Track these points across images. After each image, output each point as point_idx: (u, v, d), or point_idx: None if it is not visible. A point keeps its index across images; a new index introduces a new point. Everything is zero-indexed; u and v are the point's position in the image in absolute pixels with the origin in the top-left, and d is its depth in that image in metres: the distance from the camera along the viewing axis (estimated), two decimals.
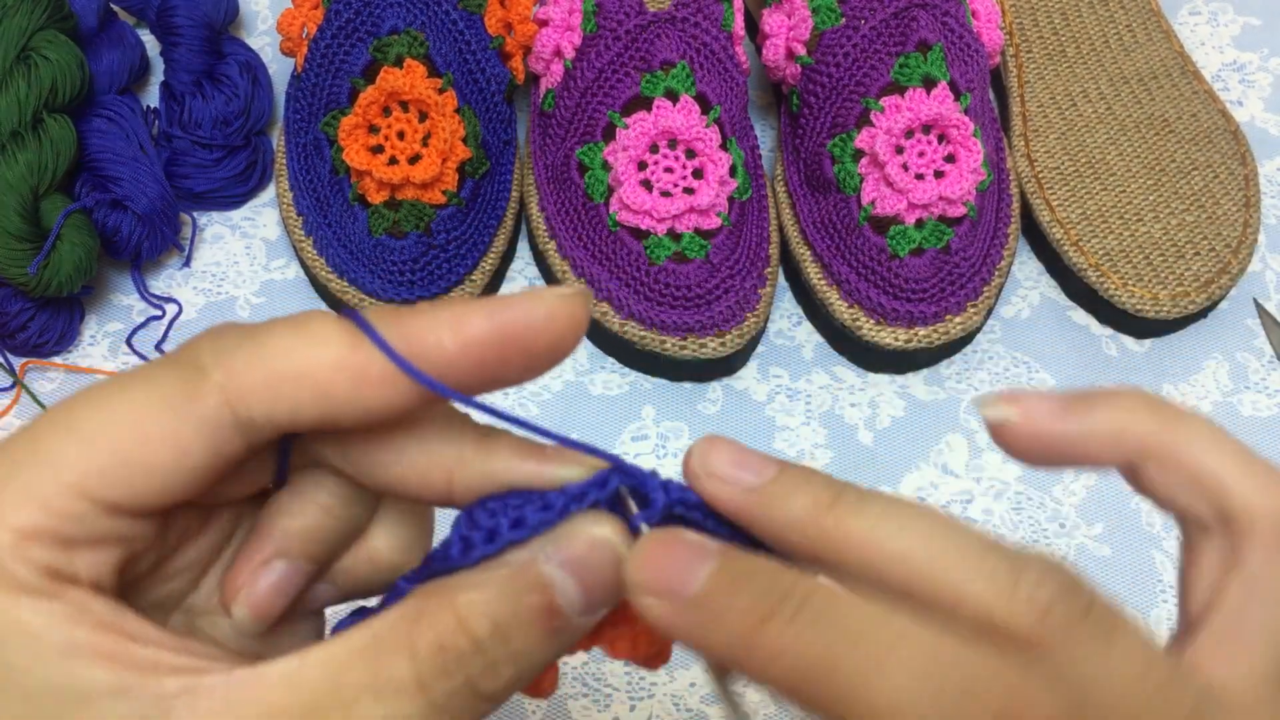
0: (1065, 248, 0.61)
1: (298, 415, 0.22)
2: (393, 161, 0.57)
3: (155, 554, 0.25)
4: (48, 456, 0.21)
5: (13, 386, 0.59)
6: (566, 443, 0.25)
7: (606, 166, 0.59)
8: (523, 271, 0.64)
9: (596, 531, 0.23)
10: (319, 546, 0.26)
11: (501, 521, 0.23)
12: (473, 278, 0.60)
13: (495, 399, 0.59)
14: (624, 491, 0.24)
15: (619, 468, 0.24)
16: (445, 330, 0.22)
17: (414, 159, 0.57)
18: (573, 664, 0.52)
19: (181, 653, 0.22)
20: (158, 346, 0.61)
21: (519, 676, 0.23)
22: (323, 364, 0.22)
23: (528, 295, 0.23)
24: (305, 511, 0.25)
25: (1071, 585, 0.22)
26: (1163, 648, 0.24)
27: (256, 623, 0.25)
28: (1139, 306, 0.59)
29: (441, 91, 0.57)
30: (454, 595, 0.22)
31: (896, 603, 0.22)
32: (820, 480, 0.24)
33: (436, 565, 0.24)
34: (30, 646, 0.21)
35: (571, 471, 0.24)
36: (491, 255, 0.61)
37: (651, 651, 0.26)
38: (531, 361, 0.23)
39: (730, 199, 0.59)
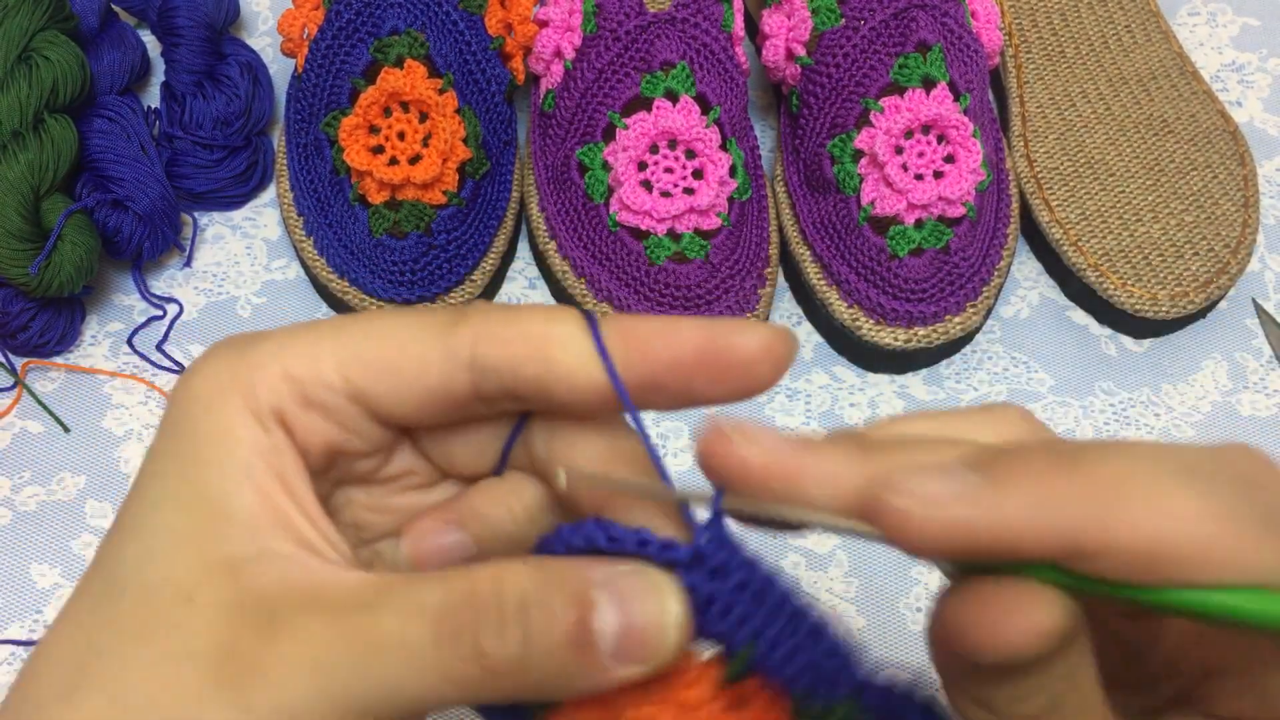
0: (1064, 248, 0.61)
1: (519, 371, 0.25)
2: (393, 162, 0.57)
3: (372, 466, 0.27)
4: (338, 334, 0.26)
5: (14, 386, 0.59)
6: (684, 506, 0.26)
7: (606, 167, 0.59)
8: (523, 272, 0.64)
9: (660, 584, 0.23)
10: (493, 540, 0.28)
11: (599, 535, 0.24)
12: (473, 278, 0.60)
13: None
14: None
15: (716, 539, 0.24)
16: (661, 337, 0.25)
17: (414, 159, 0.57)
18: None
19: (321, 538, 0.25)
20: (159, 346, 0.61)
21: (524, 666, 0.23)
22: (554, 335, 0.25)
23: (741, 323, 0.25)
24: (499, 505, 0.28)
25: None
26: None
27: (412, 565, 0.27)
28: (1138, 306, 0.59)
29: (442, 92, 0.57)
30: (509, 563, 0.24)
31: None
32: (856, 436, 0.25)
33: (553, 546, 0.25)
34: (224, 451, 0.24)
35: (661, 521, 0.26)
36: (492, 255, 0.61)
37: None
38: (727, 385, 0.25)
39: (730, 199, 0.59)
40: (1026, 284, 0.64)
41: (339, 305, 0.61)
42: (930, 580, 0.55)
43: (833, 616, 0.24)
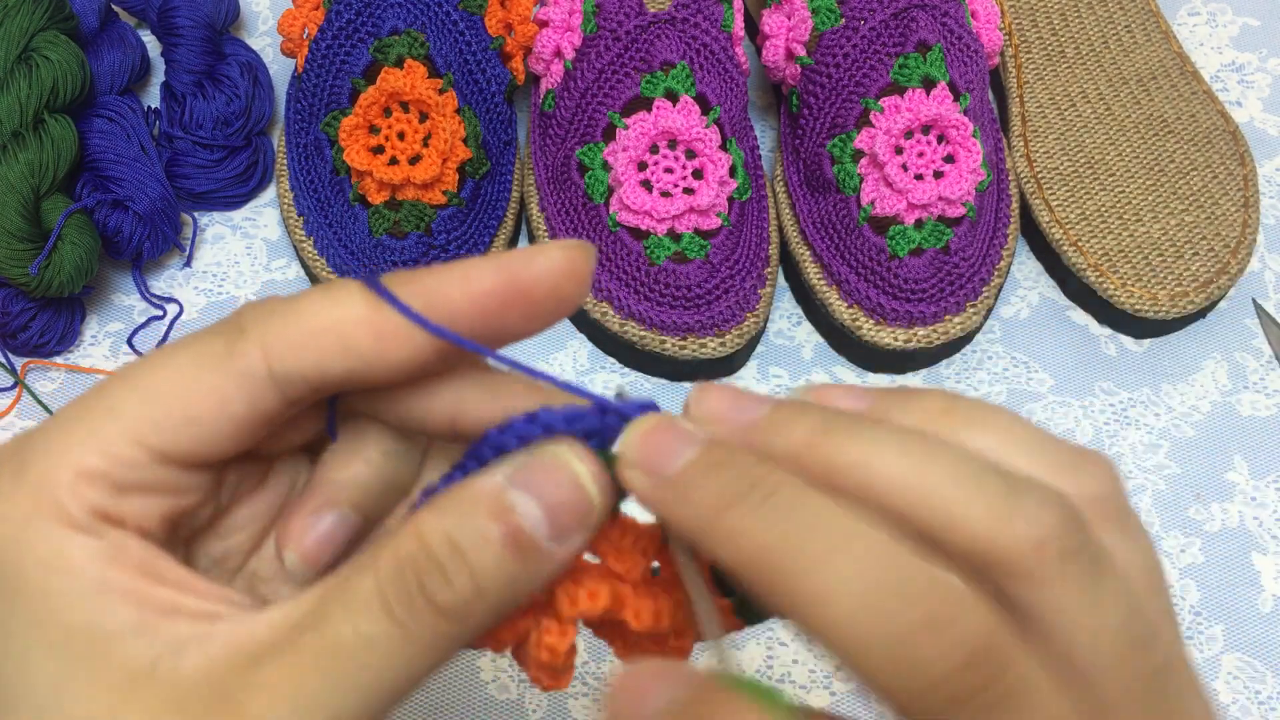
0: (1064, 248, 0.61)
1: (325, 370, 0.24)
2: (393, 162, 0.57)
3: (210, 508, 0.26)
4: (110, 406, 0.23)
5: (14, 386, 0.59)
6: (569, 387, 0.25)
7: (606, 167, 0.59)
8: None
9: (558, 454, 0.24)
10: (366, 498, 0.27)
11: (510, 440, 0.24)
12: None
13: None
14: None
15: (610, 406, 0.25)
16: (455, 285, 0.24)
17: (414, 159, 0.57)
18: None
19: (210, 599, 0.24)
20: (159, 347, 0.61)
21: (481, 593, 0.23)
22: (345, 321, 0.24)
23: (532, 249, 0.25)
24: (351, 464, 0.27)
25: (1070, 520, 0.22)
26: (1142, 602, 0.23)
27: (306, 569, 0.26)
28: (1138, 306, 0.59)
29: (442, 92, 0.57)
30: (415, 518, 0.23)
31: (874, 514, 0.22)
32: (815, 411, 0.24)
33: (488, 452, 0.25)
34: (69, 579, 0.22)
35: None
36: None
37: (655, 625, 0.25)
38: (536, 310, 0.24)
39: (730, 199, 0.59)
40: (1026, 284, 0.64)
41: None
42: None
43: None
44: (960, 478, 0.22)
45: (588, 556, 0.25)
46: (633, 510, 0.25)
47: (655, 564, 0.26)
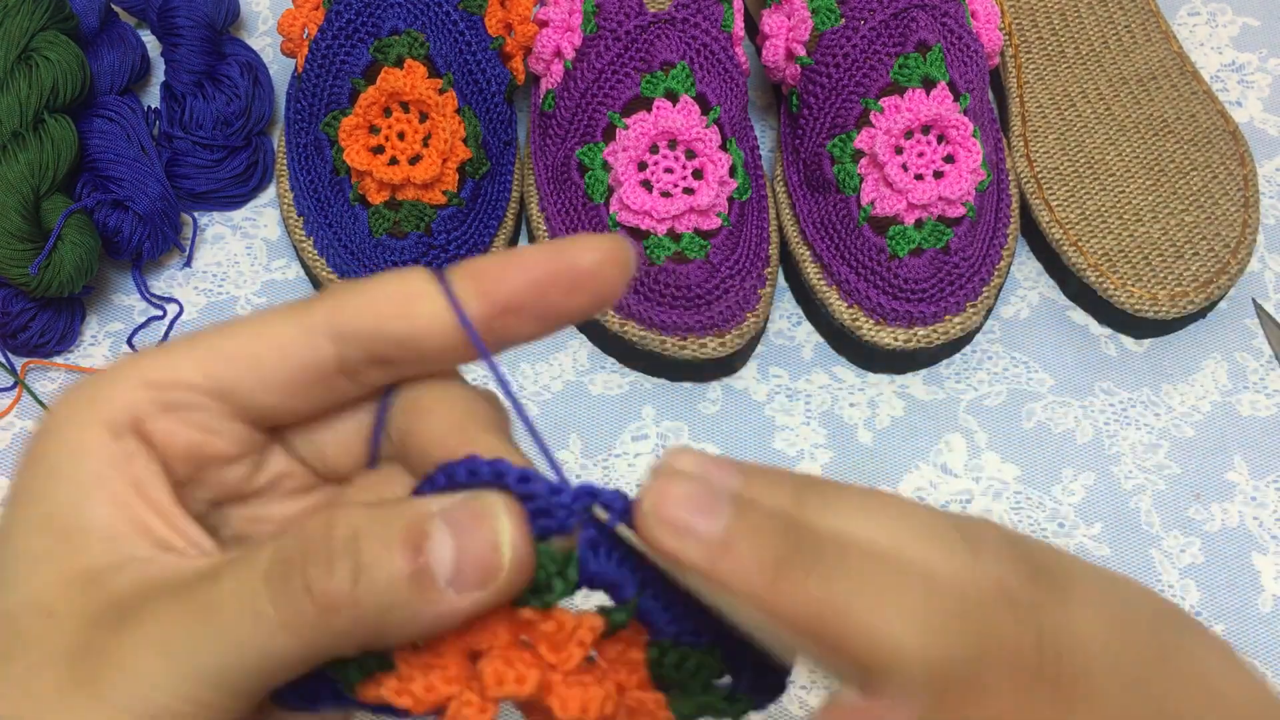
0: (1064, 248, 0.61)
1: (382, 330, 0.25)
2: (393, 162, 0.57)
3: (241, 472, 0.27)
4: (195, 338, 0.26)
5: (14, 386, 0.59)
6: (550, 460, 0.26)
7: (606, 167, 0.59)
8: None
9: (491, 507, 0.24)
10: None
11: (510, 470, 0.24)
12: None
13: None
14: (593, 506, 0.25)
15: (564, 489, 0.25)
16: (513, 269, 0.26)
17: (414, 159, 0.57)
18: None
19: (177, 534, 0.25)
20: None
21: (357, 600, 0.22)
22: (406, 290, 0.26)
23: (579, 237, 0.26)
24: (374, 493, 0.28)
25: (1014, 552, 0.24)
26: (1126, 591, 0.25)
27: None
28: (1138, 306, 0.59)
29: (442, 92, 0.57)
30: (342, 509, 0.24)
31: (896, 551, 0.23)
32: (781, 498, 0.24)
33: (440, 483, 0.25)
34: (75, 466, 0.24)
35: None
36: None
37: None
38: (583, 294, 0.26)
39: (730, 199, 0.59)
40: (1026, 284, 0.64)
41: None
42: None
43: None
44: (923, 532, 0.24)
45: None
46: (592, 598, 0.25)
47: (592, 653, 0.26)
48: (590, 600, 0.25)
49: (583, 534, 0.24)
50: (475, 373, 0.30)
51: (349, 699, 0.25)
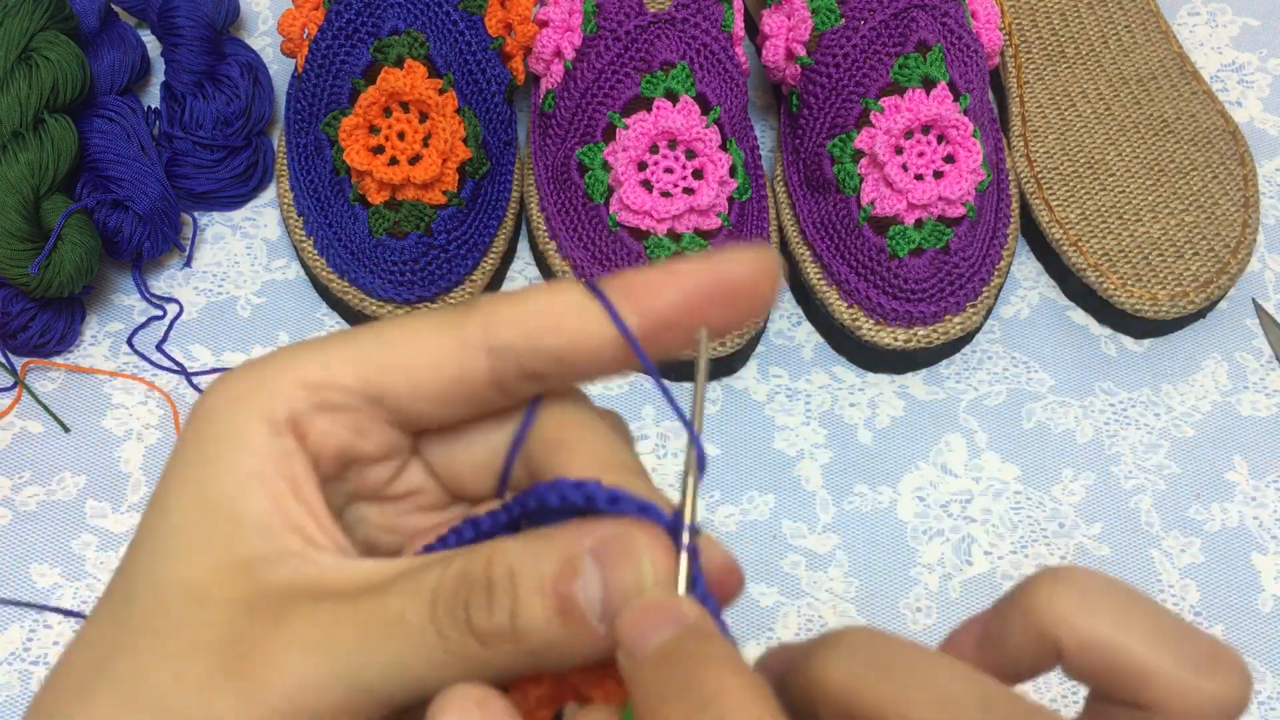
0: (1064, 248, 0.61)
1: (537, 345, 0.25)
2: (393, 162, 0.57)
3: (384, 476, 0.28)
4: (352, 339, 0.26)
5: (14, 386, 0.59)
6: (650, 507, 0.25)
7: (606, 167, 0.59)
8: (523, 272, 0.64)
9: (640, 554, 0.24)
10: None
11: (598, 493, 0.24)
12: (473, 278, 0.60)
13: None
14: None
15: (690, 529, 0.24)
16: (670, 282, 0.25)
17: (414, 159, 0.57)
18: None
19: (325, 535, 0.25)
20: (159, 347, 0.61)
21: (515, 636, 0.23)
22: (560, 304, 0.25)
23: (733, 251, 0.26)
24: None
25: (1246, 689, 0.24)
26: None
27: None
28: (1138, 306, 0.59)
29: (442, 92, 0.57)
30: (504, 540, 0.24)
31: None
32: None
33: (531, 503, 0.25)
34: (235, 457, 0.25)
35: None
36: (492, 256, 0.61)
37: None
38: (739, 308, 0.26)
39: (730, 199, 0.59)
40: (1026, 284, 0.64)
41: (339, 305, 0.61)
42: (930, 580, 0.55)
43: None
44: (1159, 633, 0.24)
45: None
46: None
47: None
48: None
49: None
50: None
51: None
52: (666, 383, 0.26)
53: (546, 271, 0.63)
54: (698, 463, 0.25)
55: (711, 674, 0.22)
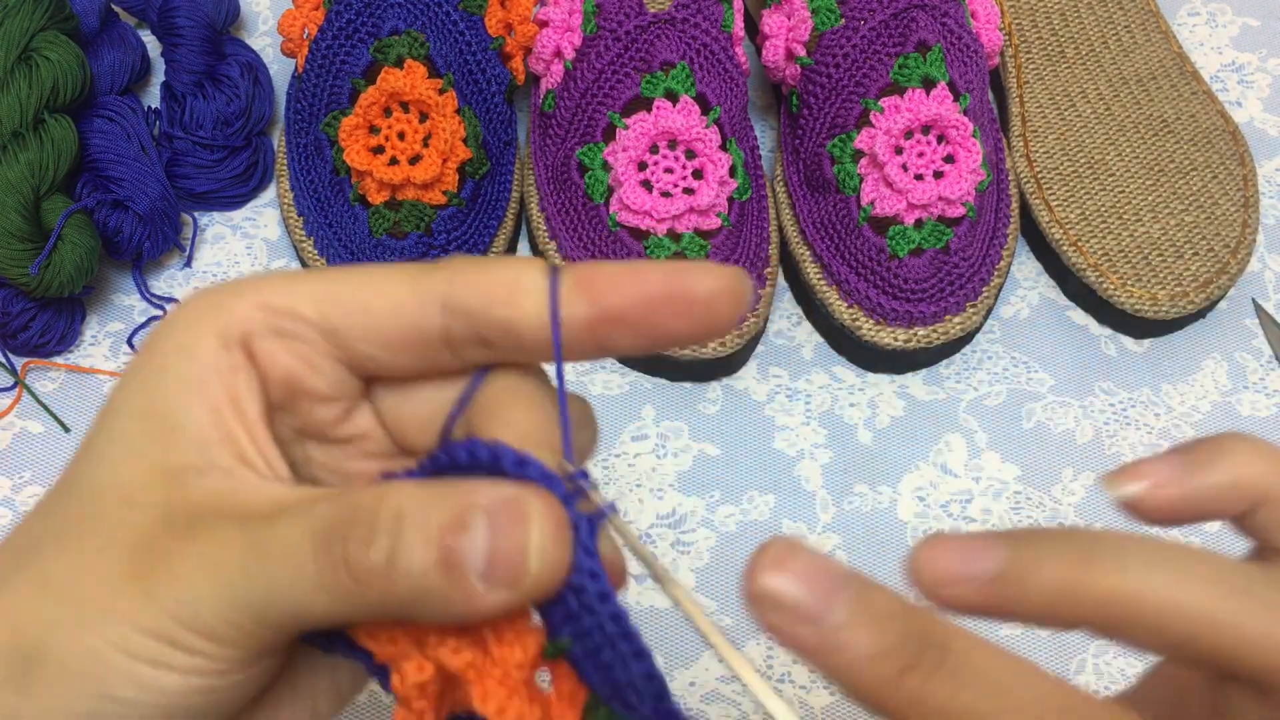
0: (1064, 248, 0.61)
1: (490, 313, 0.26)
2: (393, 162, 0.57)
3: (333, 414, 0.28)
4: (321, 275, 0.27)
5: (14, 386, 0.59)
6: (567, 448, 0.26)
7: (606, 167, 0.59)
8: None
9: (531, 512, 0.23)
10: None
11: (505, 454, 0.24)
12: None
13: None
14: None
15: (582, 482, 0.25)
16: (631, 280, 0.25)
17: (414, 159, 0.57)
18: None
19: (257, 449, 0.26)
20: None
21: (389, 578, 0.23)
22: (520, 278, 0.26)
23: (702, 264, 0.26)
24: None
25: None
26: None
27: None
28: (1138, 306, 0.59)
29: (442, 92, 0.57)
30: (401, 482, 0.25)
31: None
32: (1065, 543, 0.24)
33: (441, 461, 0.25)
34: (182, 367, 0.26)
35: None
36: (492, 256, 0.61)
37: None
38: (693, 321, 0.26)
39: (730, 199, 0.59)
40: (1026, 284, 0.64)
41: None
42: None
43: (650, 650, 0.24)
44: (1255, 604, 0.23)
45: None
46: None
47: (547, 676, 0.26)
48: None
49: (577, 535, 0.24)
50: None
51: (347, 637, 0.26)
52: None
53: None
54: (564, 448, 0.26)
55: (929, 623, 0.22)
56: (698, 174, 0.58)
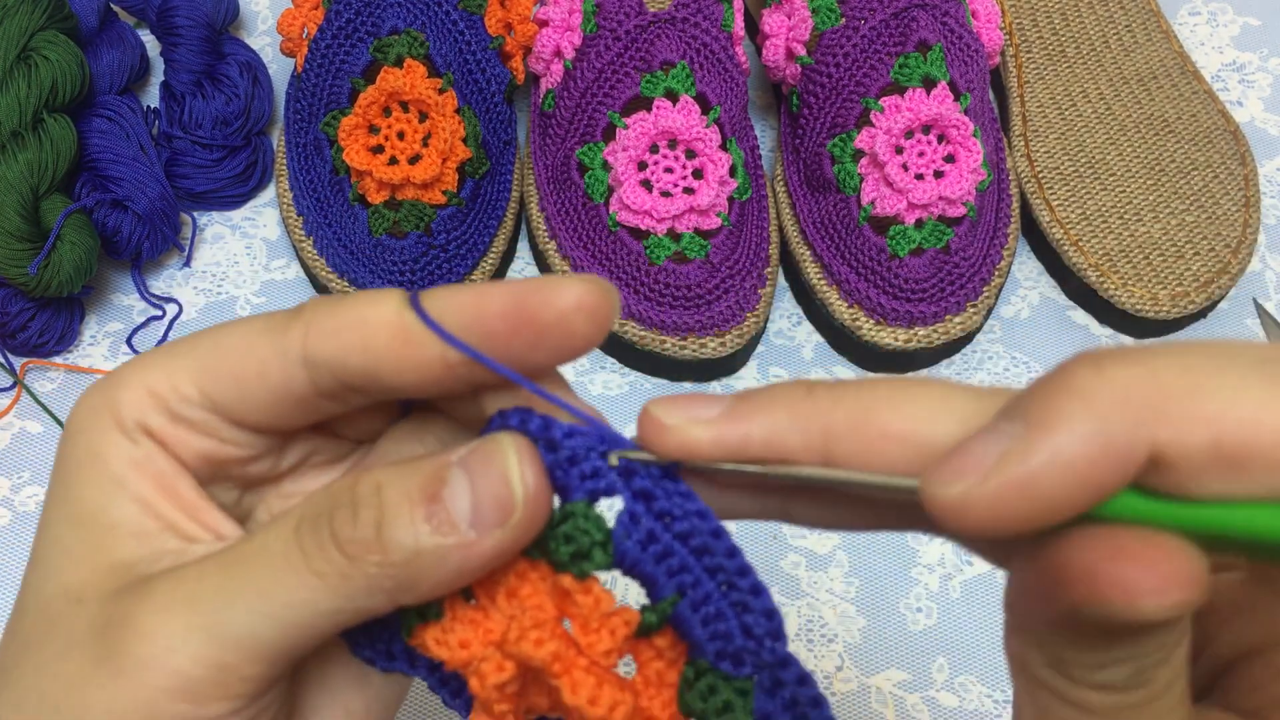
0: (1065, 247, 0.61)
1: (345, 363, 0.24)
2: (393, 161, 0.57)
3: (267, 466, 0.28)
4: (192, 348, 0.26)
5: (13, 386, 0.59)
6: (578, 414, 0.26)
7: (606, 166, 0.59)
8: (523, 272, 0.64)
9: (499, 445, 0.24)
10: None
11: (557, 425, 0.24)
12: (473, 278, 0.60)
13: None
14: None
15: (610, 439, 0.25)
16: (469, 302, 0.24)
17: (414, 159, 0.57)
18: None
19: (207, 527, 0.26)
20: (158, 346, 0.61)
21: (384, 547, 0.23)
22: (371, 320, 0.24)
23: (553, 278, 0.24)
24: (409, 442, 0.28)
25: None
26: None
27: None
28: (1139, 306, 0.59)
29: (442, 92, 0.57)
30: (369, 469, 0.24)
31: None
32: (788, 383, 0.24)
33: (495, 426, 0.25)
34: (98, 468, 0.25)
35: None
36: (491, 255, 0.61)
37: None
38: (544, 340, 0.24)
39: (730, 199, 0.59)
40: (1027, 284, 0.64)
41: None
42: (930, 581, 0.55)
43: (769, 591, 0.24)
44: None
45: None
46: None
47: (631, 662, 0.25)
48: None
49: (622, 507, 0.24)
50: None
51: (408, 650, 0.26)
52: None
53: (546, 271, 0.63)
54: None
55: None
56: (698, 174, 0.57)
